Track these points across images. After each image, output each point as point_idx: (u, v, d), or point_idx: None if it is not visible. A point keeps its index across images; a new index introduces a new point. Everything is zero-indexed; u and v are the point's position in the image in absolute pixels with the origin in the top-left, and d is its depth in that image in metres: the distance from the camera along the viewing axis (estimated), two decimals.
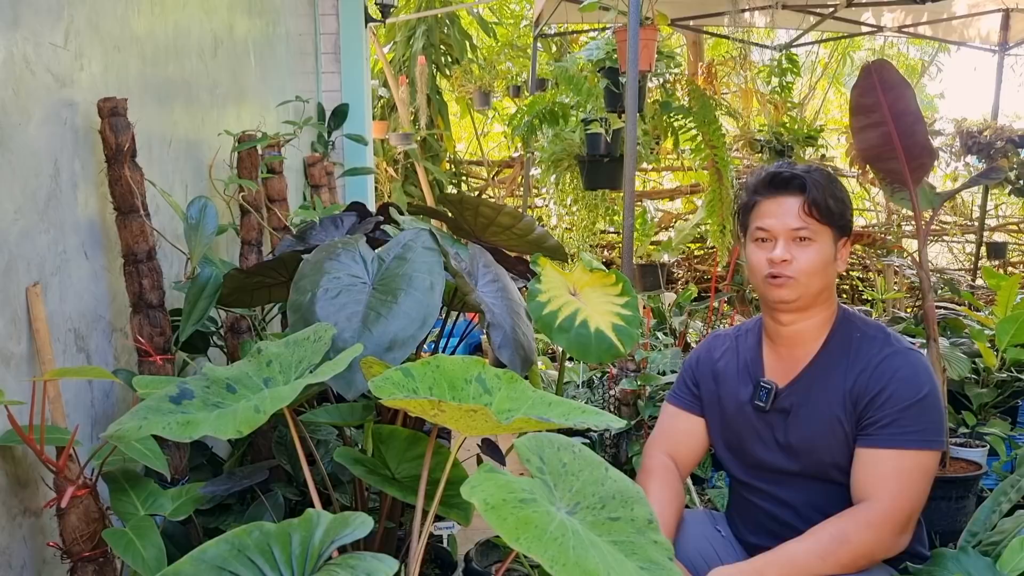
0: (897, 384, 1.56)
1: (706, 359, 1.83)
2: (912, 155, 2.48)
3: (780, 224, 1.62)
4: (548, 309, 1.84)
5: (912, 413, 1.55)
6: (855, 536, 1.49)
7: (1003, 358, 3.00)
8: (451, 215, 2.17)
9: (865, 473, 1.56)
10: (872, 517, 1.50)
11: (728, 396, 1.75)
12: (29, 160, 1.49)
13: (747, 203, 1.70)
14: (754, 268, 1.67)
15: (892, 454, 1.54)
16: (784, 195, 1.63)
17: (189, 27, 2.37)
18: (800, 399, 1.65)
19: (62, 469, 1.37)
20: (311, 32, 4.19)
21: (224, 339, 2.22)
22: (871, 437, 1.57)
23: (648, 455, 1.80)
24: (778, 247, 1.61)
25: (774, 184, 1.64)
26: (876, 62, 2.48)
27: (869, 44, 10.21)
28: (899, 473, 1.53)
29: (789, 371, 1.69)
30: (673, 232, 6.37)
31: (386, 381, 1.32)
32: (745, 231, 1.72)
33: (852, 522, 1.51)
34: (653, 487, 1.69)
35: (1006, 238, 7.35)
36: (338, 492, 1.97)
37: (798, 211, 1.61)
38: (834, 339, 1.67)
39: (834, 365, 1.64)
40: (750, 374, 1.74)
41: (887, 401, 1.56)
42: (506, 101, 8.51)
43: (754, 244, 1.67)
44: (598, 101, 4.60)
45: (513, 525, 1.09)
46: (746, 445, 1.72)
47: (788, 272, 1.60)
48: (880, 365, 1.59)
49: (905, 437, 1.54)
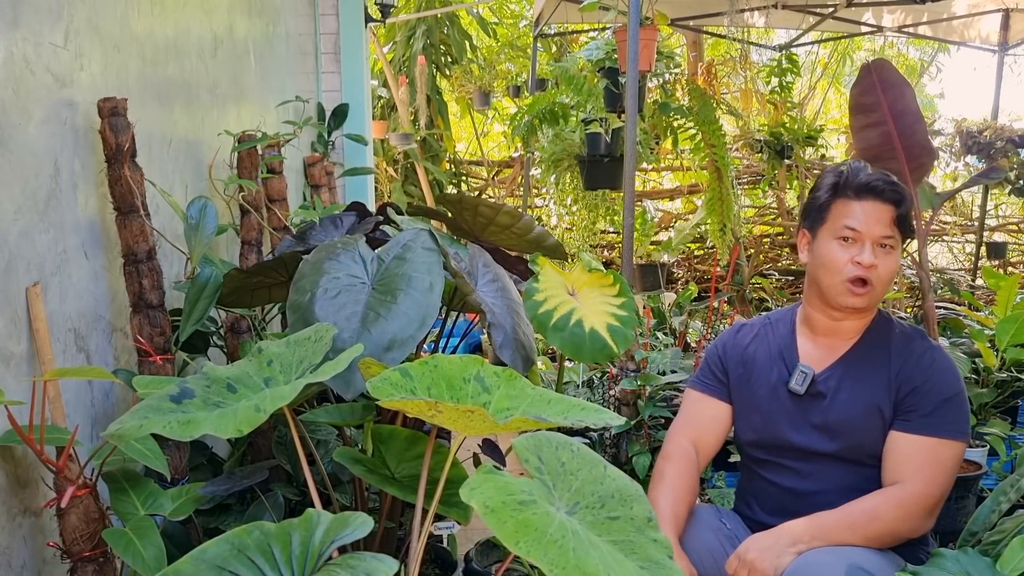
0: (938, 377, 1.65)
1: (734, 344, 1.86)
2: (912, 155, 2.48)
3: (872, 228, 1.65)
4: (544, 308, 1.85)
5: (950, 405, 1.64)
6: (885, 514, 1.57)
7: (1003, 358, 2.99)
8: (450, 215, 2.17)
9: (901, 457, 1.63)
10: (904, 499, 1.59)
11: (760, 380, 1.80)
12: (29, 160, 1.49)
13: (827, 201, 1.71)
14: (834, 266, 1.68)
15: (930, 442, 1.62)
16: (879, 201, 1.66)
17: (189, 27, 2.37)
18: (839, 384, 1.71)
19: (62, 469, 1.37)
20: (311, 32, 4.19)
21: (224, 339, 2.22)
22: (910, 423, 1.64)
23: (671, 440, 1.84)
24: (866, 251, 1.65)
25: (869, 189, 1.67)
26: (876, 61, 2.48)
27: (869, 44, 10.20)
28: (934, 461, 1.61)
29: (825, 359, 1.75)
30: (673, 232, 6.37)
31: (384, 382, 1.32)
32: (818, 225, 1.72)
33: (884, 501, 1.60)
34: (670, 474, 1.75)
35: (1006, 238, 7.35)
36: (338, 492, 1.97)
37: (889, 220, 1.65)
38: (873, 332, 1.74)
39: (874, 356, 1.71)
40: (784, 360, 1.78)
41: (929, 392, 1.64)
42: (506, 101, 8.51)
43: (836, 242, 1.68)
44: (598, 101, 4.60)
45: (513, 528, 1.09)
46: (776, 427, 1.76)
47: (870, 278, 1.65)
48: (923, 357, 1.67)
49: (943, 427, 1.62)
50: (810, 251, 1.75)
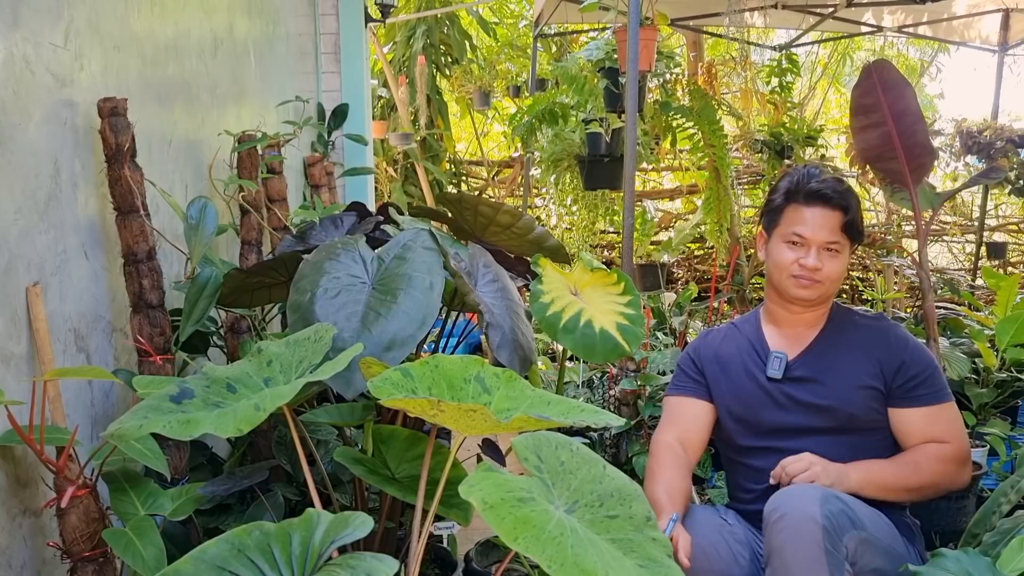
0: (913, 352, 1.80)
1: (705, 346, 1.95)
2: (912, 155, 2.48)
3: (818, 235, 1.77)
4: (552, 310, 1.84)
5: (936, 374, 1.81)
6: (926, 467, 1.73)
7: (1003, 358, 2.99)
8: (451, 215, 2.17)
9: (927, 427, 1.76)
10: (943, 453, 1.75)
11: (736, 372, 1.88)
12: (29, 160, 1.49)
13: (781, 205, 1.82)
14: (781, 264, 1.81)
15: (942, 407, 1.78)
16: (825, 208, 1.77)
17: (189, 27, 2.37)
18: (822, 366, 1.81)
19: (62, 469, 1.37)
20: (311, 32, 4.19)
21: (224, 339, 2.22)
22: (918, 398, 1.77)
23: (656, 441, 1.88)
24: (811, 255, 1.77)
25: (818, 196, 1.77)
26: (876, 62, 2.48)
27: (869, 44, 10.20)
28: (952, 419, 1.79)
29: (794, 347, 1.85)
30: (673, 232, 6.37)
31: (385, 381, 1.32)
32: (772, 227, 1.85)
33: (924, 455, 1.75)
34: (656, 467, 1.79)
35: (1006, 238, 7.34)
36: (338, 492, 1.97)
37: (836, 227, 1.77)
38: (835, 320, 1.86)
39: (846, 340, 1.83)
40: (757, 351, 1.88)
41: (916, 365, 1.78)
42: (506, 101, 8.51)
43: (785, 244, 1.81)
44: (598, 101, 4.60)
45: (511, 525, 1.09)
46: (760, 412, 1.83)
47: (817, 278, 1.77)
48: (896, 338, 1.81)
49: (942, 392, 1.79)
50: (766, 251, 1.87)
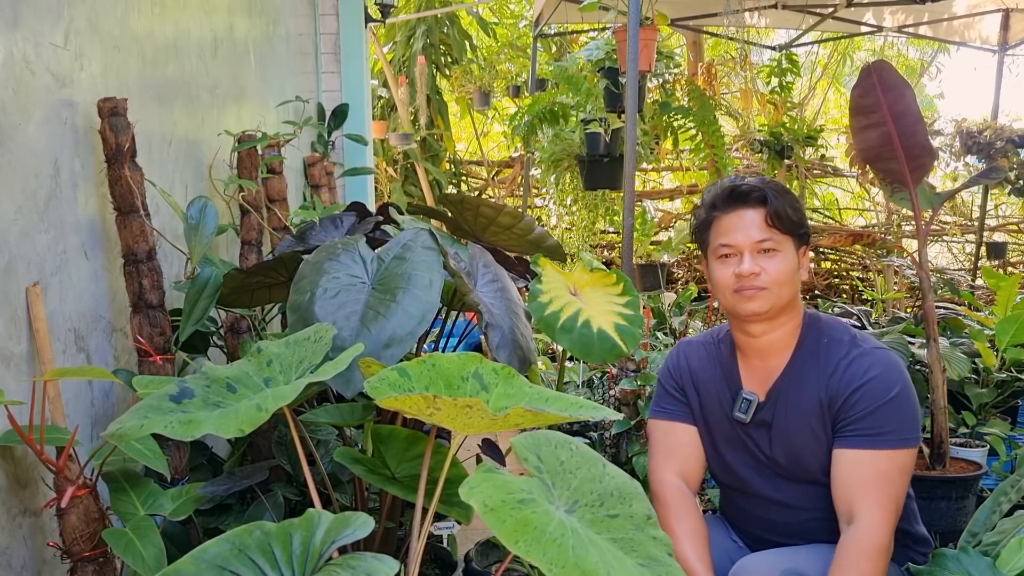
0: (867, 384, 1.56)
1: (683, 367, 1.79)
2: (912, 155, 2.48)
3: (744, 237, 1.61)
4: (550, 310, 1.84)
5: (885, 412, 1.55)
6: (854, 571, 1.47)
7: (1003, 358, 3.00)
8: (451, 215, 2.17)
9: (846, 475, 1.55)
10: (863, 546, 1.48)
11: (711, 406, 1.74)
12: (29, 160, 1.49)
13: (705, 220, 1.67)
14: (721, 284, 1.65)
15: (870, 455, 1.54)
16: (745, 208, 1.62)
17: (189, 27, 2.37)
18: (778, 411, 1.65)
19: (62, 469, 1.37)
20: (311, 32, 4.19)
21: (224, 339, 2.21)
22: (848, 439, 1.57)
23: (658, 480, 1.72)
24: (745, 261, 1.60)
25: (734, 198, 1.63)
26: (876, 63, 2.48)
27: (869, 44, 10.21)
28: (879, 477, 1.53)
29: (765, 381, 1.68)
30: (673, 232, 6.36)
31: (382, 382, 1.31)
32: (705, 248, 1.70)
33: (847, 561, 1.48)
34: (676, 525, 1.64)
35: (1006, 238, 7.35)
36: (338, 492, 1.97)
37: (761, 223, 1.60)
38: (803, 346, 1.66)
39: (806, 373, 1.64)
40: (728, 386, 1.73)
41: (859, 402, 1.56)
42: (506, 101, 8.51)
43: (718, 261, 1.65)
44: (598, 101, 4.60)
45: (512, 527, 1.09)
46: (725, 452, 1.73)
47: (759, 284, 1.59)
48: (849, 367, 1.59)
49: (882, 438, 1.54)
50: (708, 276, 1.72)
